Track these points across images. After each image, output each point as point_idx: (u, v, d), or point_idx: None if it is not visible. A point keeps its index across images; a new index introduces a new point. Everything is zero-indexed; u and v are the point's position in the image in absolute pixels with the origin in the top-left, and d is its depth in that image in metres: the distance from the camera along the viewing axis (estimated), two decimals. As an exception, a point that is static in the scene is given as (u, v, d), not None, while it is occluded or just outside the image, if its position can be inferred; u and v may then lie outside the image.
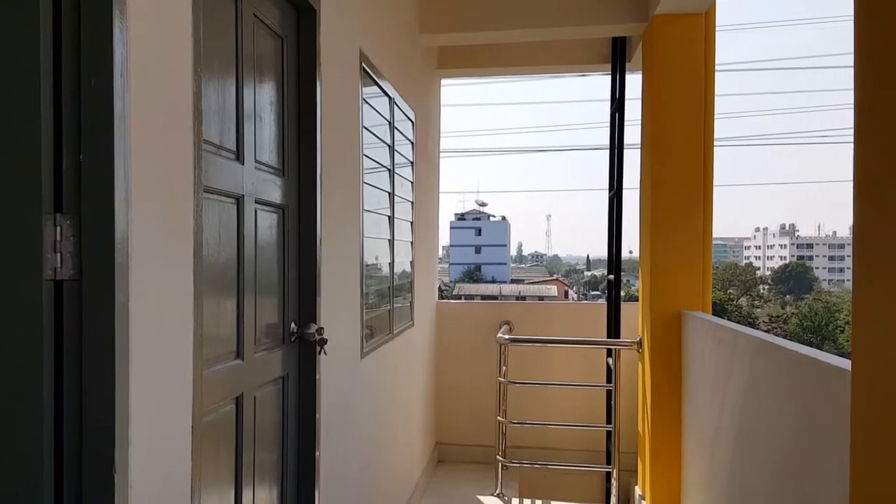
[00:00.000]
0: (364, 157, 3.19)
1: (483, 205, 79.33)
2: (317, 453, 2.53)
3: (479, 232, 71.62)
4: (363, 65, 3.15)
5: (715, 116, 4.32)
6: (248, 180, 2.06)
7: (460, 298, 46.24)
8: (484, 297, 47.35)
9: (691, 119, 4.20)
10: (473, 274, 65.43)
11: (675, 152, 4.20)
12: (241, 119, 2.02)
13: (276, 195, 2.32)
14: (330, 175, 2.70)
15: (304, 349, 2.51)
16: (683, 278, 4.21)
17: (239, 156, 2.02)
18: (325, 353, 2.50)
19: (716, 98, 4.32)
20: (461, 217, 74.94)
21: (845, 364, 2.06)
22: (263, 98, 2.23)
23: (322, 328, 2.48)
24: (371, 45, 3.31)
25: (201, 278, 1.67)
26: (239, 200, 2.02)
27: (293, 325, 2.45)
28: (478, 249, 70.51)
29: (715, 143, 4.33)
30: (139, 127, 1.40)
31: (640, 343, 4.56)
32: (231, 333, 1.98)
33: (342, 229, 2.91)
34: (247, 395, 2.07)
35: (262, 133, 2.20)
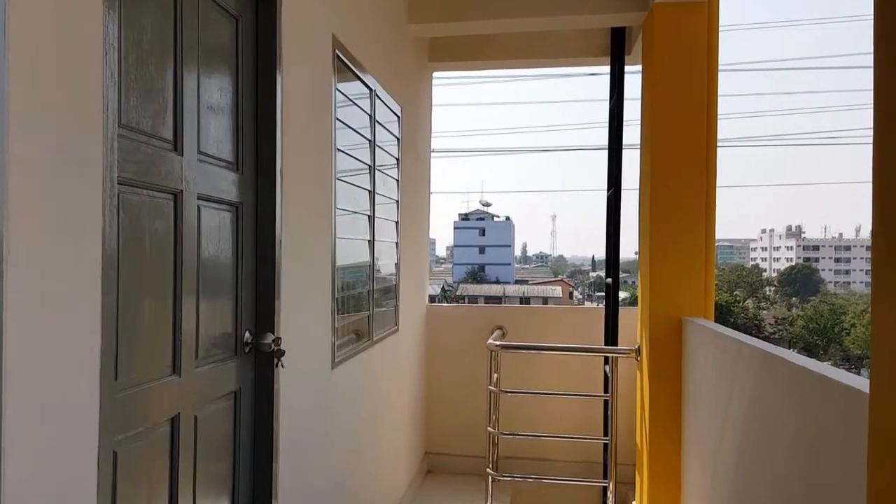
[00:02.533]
0: (338, 153, 2.96)
1: (487, 205, 79.16)
2: (274, 480, 2.30)
3: (482, 232, 71.35)
4: (337, 52, 2.92)
5: (719, 113, 4.07)
6: (188, 173, 1.84)
7: (464, 299, 46.12)
8: (488, 298, 47.19)
9: (693, 114, 3.96)
10: (477, 274, 65.19)
11: (676, 149, 3.96)
12: (180, 105, 1.80)
13: (228, 191, 2.10)
14: (295, 171, 2.47)
15: (260, 361, 2.28)
16: (684, 283, 3.96)
17: (177, 146, 1.79)
18: (282, 365, 2.27)
19: (724, 98, 4.08)
20: (465, 217, 74.69)
21: (858, 383, 1.84)
22: (212, 83, 2.00)
23: (279, 338, 2.25)
24: (347, 31, 3.08)
25: (114, 284, 1.44)
26: (177, 196, 1.79)
27: (248, 334, 2.22)
28: (482, 250, 70.24)
29: (722, 144, 4.11)
30: (21, 108, 1.17)
31: (638, 350, 4.32)
32: (164, 346, 1.75)
33: (310, 229, 2.68)
34: (185, 414, 1.85)
35: (209, 122, 1.97)
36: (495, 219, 74.75)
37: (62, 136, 1.28)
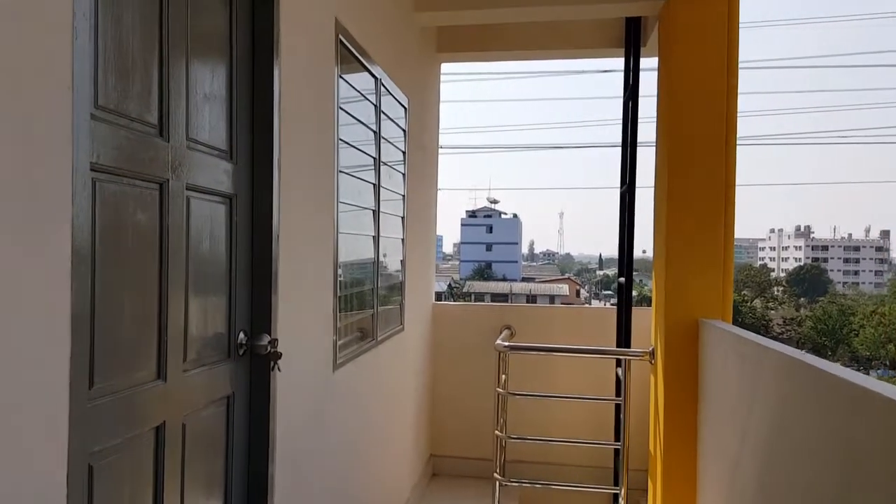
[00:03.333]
0: (341, 144, 2.81)
1: (495, 202, 78.85)
2: (270, 489, 2.16)
3: (490, 229, 71.12)
4: (341, 37, 2.77)
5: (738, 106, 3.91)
6: (175, 161, 1.69)
7: (471, 296, 45.96)
8: (494, 295, 47.02)
9: (712, 108, 3.79)
10: (484, 271, 65.00)
11: (693, 144, 3.79)
12: (167, 86, 1.65)
13: (221, 181, 1.96)
14: (295, 162, 2.32)
15: (255, 364, 2.14)
16: (701, 283, 3.80)
17: (163, 131, 1.65)
18: (278, 369, 2.13)
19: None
20: (472, 214, 74.47)
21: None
22: (203, 65, 1.86)
23: (276, 340, 2.11)
24: (352, 16, 2.93)
25: (87, 282, 1.30)
26: (163, 185, 1.65)
27: (242, 335, 2.08)
28: (489, 247, 70.04)
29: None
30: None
31: (652, 353, 4.16)
32: (148, 349, 1.61)
33: (311, 224, 2.54)
34: (171, 422, 1.71)
35: (199, 106, 1.83)
36: (503, 216, 74.50)
37: (15, 113, 1.13)
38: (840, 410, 1.97)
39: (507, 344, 4.38)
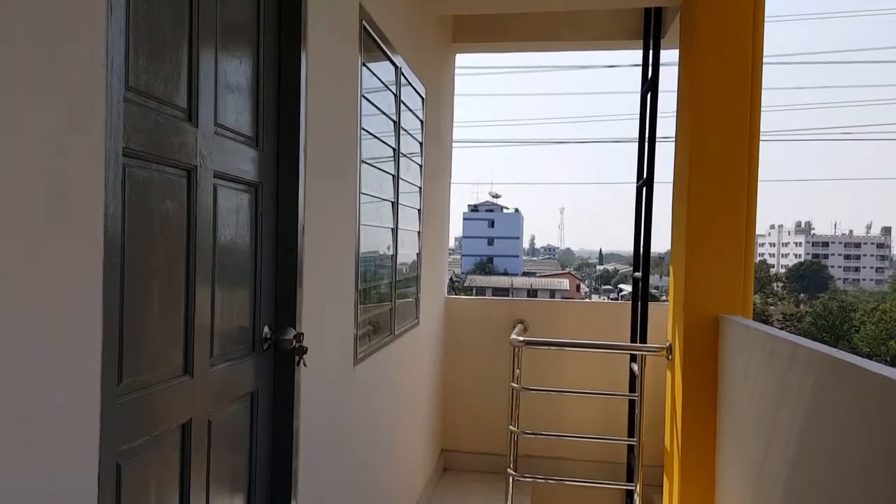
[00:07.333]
0: (363, 132, 2.74)
1: (497, 196, 78.67)
2: (293, 492, 2.09)
3: (491, 224, 71.03)
4: (364, 23, 2.69)
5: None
6: (203, 147, 1.62)
7: (472, 290, 45.91)
8: (496, 290, 47.00)
9: (736, 100, 3.71)
10: (485, 266, 64.93)
11: (716, 137, 3.71)
12: (196, 68, 1.58)
13: (246, 169, 1.88)
14: (319, 150, 2.25)
15: (279, 359, 2.07)
16: (721, 279, 3.73)
17: (191, 115, 1.57)
18: (304, 364, 2.06)
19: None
20: (474, 208, 74.34)
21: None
22: (231, 47, 1.78)
23: (301, 334, 2.04)
24: (374, 2, 2.85)
25: (117, 273, 1.23)
26: (190, 172, 1.58)
27: (266, 329, 2.01)
28: (490, 241, 69.95)
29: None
30: (6, 57, 0.96)
31: (669, 349, 4.10)
32: (175, 343, 1.54)
33: (334, 215, 2.46)
34: (197, 419, 1.64)
35: (227, 90, 1.76)
36: (504, 210, 74.40)
37: (55, 93, 1.06)
38: (883, 411, 1.90)
39: (521, 338, 4.32)
